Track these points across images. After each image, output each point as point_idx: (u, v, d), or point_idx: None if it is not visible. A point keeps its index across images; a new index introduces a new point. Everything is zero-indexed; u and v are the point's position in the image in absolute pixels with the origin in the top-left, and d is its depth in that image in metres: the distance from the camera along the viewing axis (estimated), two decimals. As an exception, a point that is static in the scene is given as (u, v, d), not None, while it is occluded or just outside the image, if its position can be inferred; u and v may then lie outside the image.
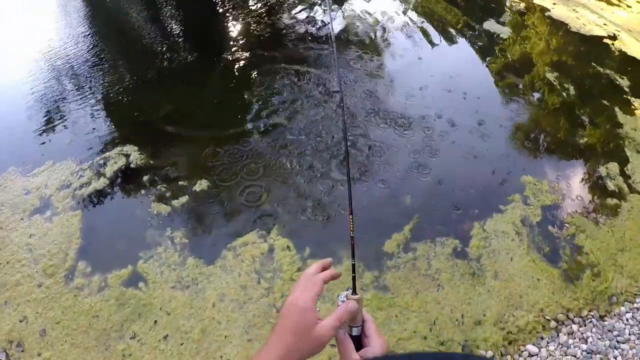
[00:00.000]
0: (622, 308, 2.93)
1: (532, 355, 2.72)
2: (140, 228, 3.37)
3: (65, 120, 4.42)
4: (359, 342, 0.96)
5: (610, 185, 3.58)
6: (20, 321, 2.92)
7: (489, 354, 2.70)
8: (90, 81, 4.96)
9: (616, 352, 2.74)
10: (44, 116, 4.48)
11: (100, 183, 3.70)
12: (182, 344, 2.76)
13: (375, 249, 3.17)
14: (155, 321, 2.87)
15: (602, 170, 3.69)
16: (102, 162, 3.89)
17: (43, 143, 4.20)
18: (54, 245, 3.29)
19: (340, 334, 0.93)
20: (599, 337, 2.80)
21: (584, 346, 2.74)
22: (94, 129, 4.27)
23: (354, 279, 1.02)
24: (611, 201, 3.49)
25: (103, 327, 2.86)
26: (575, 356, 2.71)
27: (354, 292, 0.98)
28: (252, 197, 3.59)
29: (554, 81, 4.68)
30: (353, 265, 1.06)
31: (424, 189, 3.57)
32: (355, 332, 0.97)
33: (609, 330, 2.84)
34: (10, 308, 2.98)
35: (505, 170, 3.74)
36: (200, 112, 4.45)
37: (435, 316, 2.86)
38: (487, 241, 3.21)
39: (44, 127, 4.34)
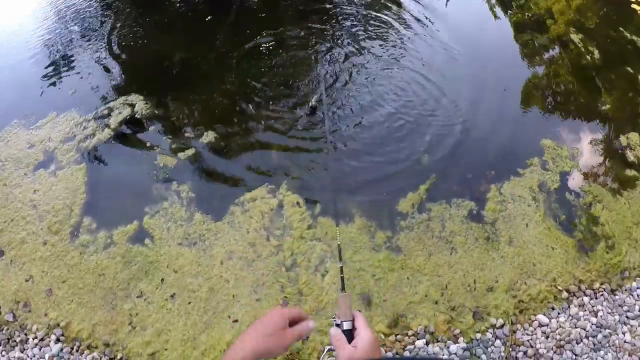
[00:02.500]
0: (634, 283, 2.82)
1: (542, 325, 2.62)
2: (146, 182, 3.23)
3: (70, 68, 4.22)
4: (351, 335, 1.15)
5: (630, 156, 3.40)
6: (26, 280, 2.85)
7: (500, 322, 2.62)
8: (96, 27, 4.70)
9: (625, 328, 2.65)
10: (48, 65, 4.26)
11: (105, 135, 3.53)
12: (189, 303, 2.68)
13: (389, 208, 3.03)
14: (162, 279, 2.79)
15: (623, 139, 3.49)
16: (106, 112, 3.70)
17: (47, 88, 4.03)
18: (58, 201, 3.17)
19: (332, 330, 1.16)
20: (609, 311, 2.70)
21: (594, 319, 2.65)
22: (98, 77, 4.08)
23: (342, 279, 1.32)
24: (630, 172, 3.31)
25: (109, 285, 2.79)
26: (584, 329, 2.61)
27: (343, 289, 1.28)
28: (260, 149, 3.46)
29: (579, 43, 4.40)
30: (341, 268, 1.40)
31: (442, 148, 3.40)
32: (346, 326, 1.17)
33: (619, 305, 2.73)
34: (15, 267, 2.90)
35: (524, 133, 3.55)
36: (209, 62, 4.22)
37: (447, 280, 2.75)
38: (503, 205, 3.06)
39: (47, 77, 4.13)
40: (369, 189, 3.18)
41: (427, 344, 2.54)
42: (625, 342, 2.63)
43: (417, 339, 2.55)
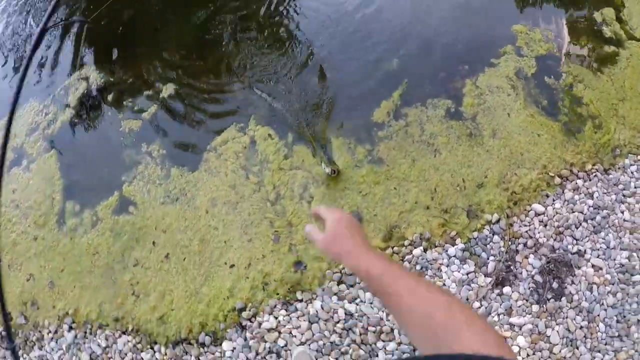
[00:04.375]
0: (626, 160, 2.70)
1: (539, 214, 2.53)
2: (116, 150, 3.13)
3: (15, 60, 4.07)
4: None
5: (607, 32, 3.18)
6: (27, 280, 2.85)
7: (495, 217, 2.53)
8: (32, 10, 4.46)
9: (623, 207, 2.56)
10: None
11: (67, 115, 3.42)
12: (184, 259, 2.63)
13: (365, 121, 2.87)
14: (154, 242, 2.74)
15: (597, 16, 3.25)
16: (63, 92, 3.57)
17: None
18: (38, 193, 3.12)
19: (306, 228, 1.03)
20: (605, 191, 2.59)
21: (590, 202, 2.55)
22: (50, 60, 3.88)
23: None
24: (609, 49, 3.11)
25: (106, 262, 2.76)
26: (582, 212, 2.52)
27: None
28: (221, 90, 3.27)
29: None
30: None
31: (409, 50, 3.17)
32: None
33: (614, 184, 2.62)
34: (14, 270, 2.91)
35: (493, 22, 3.29)
36: (156, 11, 3.97)
37: (435, 183, 2.61)
38: (482, 98, 2.87)
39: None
40: (341, 105, 3.01)
41: (424, 250, 2.44)
42: (624, 220, 2.54)
43: (414, 248, 2.45)
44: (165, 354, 2.45)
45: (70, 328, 2.63)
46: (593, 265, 2.44)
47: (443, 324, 0.68)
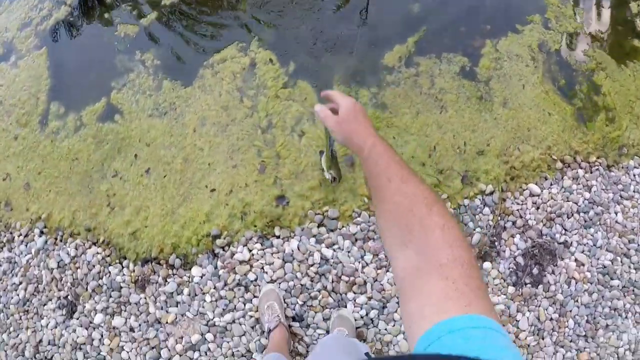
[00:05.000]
0: (631, 162, 2.61)
1: (534, 196, 2.44)
2: (108, 55, 2.94)
3: None
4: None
5: (639, 26, 3.09)
6: (3, 179, 2.76)
7: (489, 188, 2.44)
8: None
9: (618, 208, 2.49)
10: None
11: (62, 12, 3.20)
12: (165, 176, 2.53)
13: (374, 62, 2.70)
14: (136, 155, 2.63)
15: (634, 7, 3.08)
16: None
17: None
18: (23, 91, 2.98)
19: (316, 107, 1.11)
20: (603, 187, 2.50)
21: (587, 195, 2.46)
22: None
23: None
24: (638, 43, 2.97)
25: (84, 169, 2.65)
26: (577, 203, 2.44)
27: None
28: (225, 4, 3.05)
29: None
30: None
31: None
32: None
33: (614, 183, 2.54)
34: None
35: None
36: None
37: (435, 141, 2.48)
38: (499, 63, 2.71)
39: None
40: (350, 42, 2.81)
41: (412, 207, 2.37)
42: (616, 222, 2.48)
43: (402, 202, 2.38)
44: (133, 271, 2.40)
45: (42, 233, 2.57)
46: (576, 260, 2.39)
47: (420, 220, 0.69)
